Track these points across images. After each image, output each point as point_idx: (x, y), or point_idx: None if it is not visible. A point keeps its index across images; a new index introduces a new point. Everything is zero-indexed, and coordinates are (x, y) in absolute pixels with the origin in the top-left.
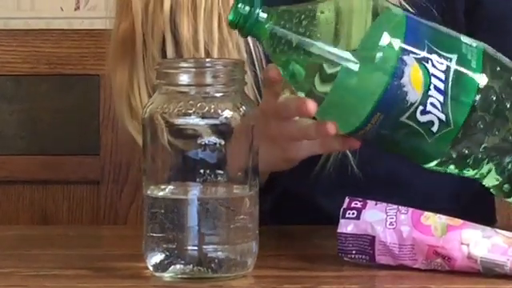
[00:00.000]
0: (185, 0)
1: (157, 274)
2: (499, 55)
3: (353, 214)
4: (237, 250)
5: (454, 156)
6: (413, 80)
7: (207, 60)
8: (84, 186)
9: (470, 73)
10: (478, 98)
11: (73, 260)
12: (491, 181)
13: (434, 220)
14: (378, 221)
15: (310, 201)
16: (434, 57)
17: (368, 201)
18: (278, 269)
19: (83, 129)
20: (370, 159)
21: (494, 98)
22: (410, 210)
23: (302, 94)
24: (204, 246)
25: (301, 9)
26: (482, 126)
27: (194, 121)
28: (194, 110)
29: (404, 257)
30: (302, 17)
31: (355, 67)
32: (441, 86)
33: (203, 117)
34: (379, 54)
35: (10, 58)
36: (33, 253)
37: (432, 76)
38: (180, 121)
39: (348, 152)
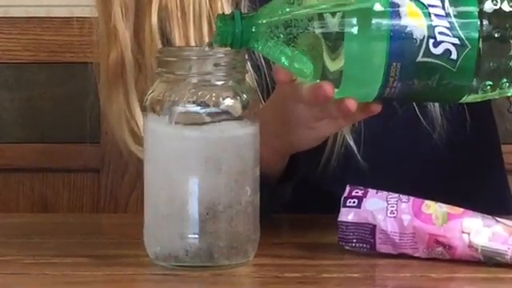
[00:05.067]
0: (173, 8)
1: (157, 263)
2: None
3: (354, 202)
4: (237, 239)
5: (485, 76)
6: (412, 17)
7: (208, 48)
8: (84, 174)
9: None
10: (481, 4)
11: (73, 248)
12: None
13: (435, 209)
14: (378, 209)
15: (321, 189)
16: None
17: (369, 189)
18: (279, 257)
19: (84, 117)
20: (375, 149)
21: None
22: (411, 198)
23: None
24: (205, 235)
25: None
26: (499, 33)
27: (194, 109)
28: (195, 98)
29: (405, 245)
30: (286, 9)
31: (355, 30)
32: (440, 12)
33: (204, 105)
34: (371, 8)
35: (11, 45)
36: (33, 241)
37: (429, 6)
38: (181, 109)
39: (353, 145)
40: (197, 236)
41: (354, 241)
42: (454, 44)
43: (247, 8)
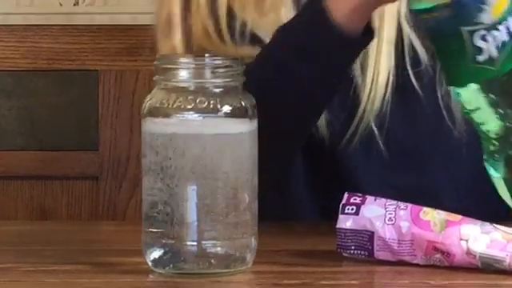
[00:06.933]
0: None
1: (156, 270)
2: None
3: (352, 209)
4: (236, 246)
5: None
6: None
7: (206, 56)
8: (83, 181)
9: None
10: None
11: (72, 255)
12: None
13: (433, 215)
14: (377, 216)
15: (335, 176)
16: None
17: (367, 196)
18: (277, 264)
19: (82, 124)
20: (397, 136)
21: None
22: (409, 205)
23: None
24: (203, 242)
25: None
26: None
27: (193, 116)
28: (193, 105)
29: (403, 252)
30: None
31: None
32: None
33: (203, 112)
34: None
35: (9, 53)
36: (32, 248)
37: None
38: (179, 116)
39: (375, 130)
40: (195, 243)
41: (353, 248)
42: None
43: None
